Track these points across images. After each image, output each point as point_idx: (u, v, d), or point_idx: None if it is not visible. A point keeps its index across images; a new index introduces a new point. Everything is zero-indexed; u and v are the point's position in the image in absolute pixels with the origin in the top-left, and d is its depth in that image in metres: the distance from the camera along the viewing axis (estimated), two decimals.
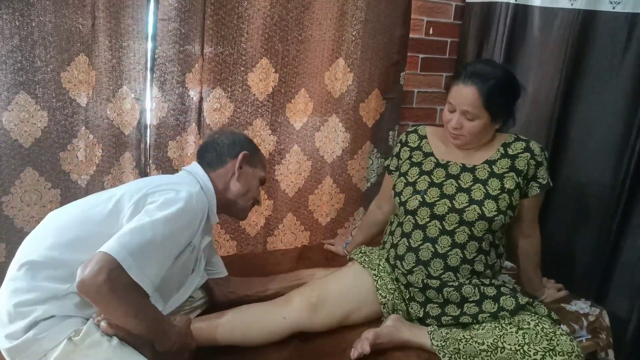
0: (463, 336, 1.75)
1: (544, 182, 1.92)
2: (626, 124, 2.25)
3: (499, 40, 2.70)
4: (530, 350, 1.64)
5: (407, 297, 1.93)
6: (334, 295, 1.90)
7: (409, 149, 2.08)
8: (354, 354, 1.72)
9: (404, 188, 1.98)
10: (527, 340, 1.66)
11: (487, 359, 1.69)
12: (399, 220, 2.00)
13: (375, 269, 1.99)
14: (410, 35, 2.71)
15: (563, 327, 1.89)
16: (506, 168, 1.90)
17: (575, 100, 2.42)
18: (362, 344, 1.73)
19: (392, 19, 2.61)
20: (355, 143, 2.73)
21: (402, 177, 2.02)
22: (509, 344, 1.67)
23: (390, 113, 2.77)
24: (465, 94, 1.84)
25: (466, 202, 1.87)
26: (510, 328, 1.71)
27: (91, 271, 1.29)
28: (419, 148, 2.06)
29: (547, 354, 1.62)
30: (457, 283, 1.85)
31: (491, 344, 1.69)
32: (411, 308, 1.93)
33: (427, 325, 1.88)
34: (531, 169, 1.90)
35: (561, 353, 1.62)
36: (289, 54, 2.45)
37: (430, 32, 2.86)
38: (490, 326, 1.74)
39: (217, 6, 2.23)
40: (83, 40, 2.06)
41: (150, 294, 1.39)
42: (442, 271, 1.86)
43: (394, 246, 1.97)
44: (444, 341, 1.76)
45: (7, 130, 2.00)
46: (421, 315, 1.90)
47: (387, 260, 2.01)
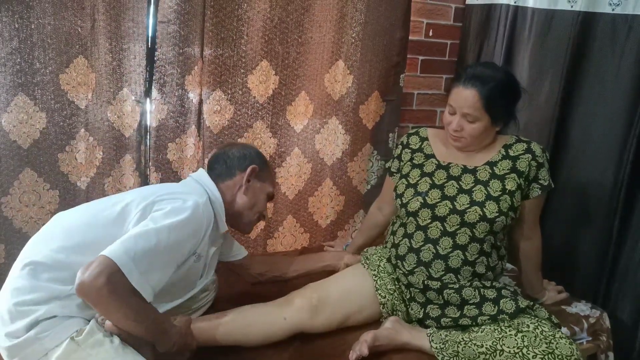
0: (462, 338, 1.74)
1: (545, 184, 1.91)
2: (626, 125, 2.24)
3: (499, 42, 2.70)
4: (529, 353, 1.63)
5: (408, 297, 1.93)
6: (334, 296, 1.90)
7: (410, 150, 2.07)
8: (352, 356, 1.71)
9: (405, 190, 1.98)
10: (526, 343, 1.65)
11: None
12: (402, 221, 2.00)
13: (375, 270, 1.99)
14: (410, 37, 2.72)
15: (564, 330, 1.89)
16: (507, 169, 1.90)
17: (575, 102, 2.42)
18: (360, 346, 1.72)
19: (392, 21, 2.61)
20: (355, 145, 2.73)
21: (403, 179, 2.02)
22: (508, 347, 1.66)
23: (390, 115, 2.77)
24: (465, 97, 1.83)
25: (467, 204, 1.86)
26: (510, 331, 1.70)
27: (91, 274, 1.29)
28: (420, 150, 2.05)
29: (546, 357, 1.61)
30: (458, 285, 1.84)
31: (490, 346, 1.68)
32: (411, 309, 1.93)
33: (427, 326, 1.88)
34: (532, 170, 1.89)
35: (560, 356, 1.61)
36: (289, 57, 2.45)
37: (430, 34, 2.86)
38: (490, 329, 1.74)
39: (216, 8, 2.23)
40: (82, 43, 2.06)
41: (150, 300, 1.40)
42: (443, 272, 1.85)
43: (395, 246, 1.97)
44: (443, 343, 1.76)
45: (6, 132, 2.00)
46: (421, 316, 1.90)
47: (388, 260, 2.01)
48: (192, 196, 1.57)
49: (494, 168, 1.91)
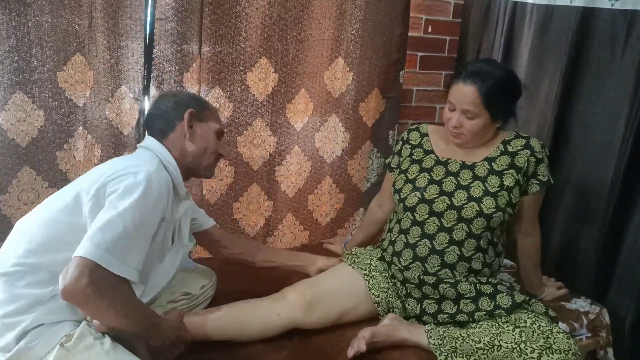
0: (460, 334, 1.74)
1: (544, 179, 1.91)
2: (626, 122, 2.23)
3: (497, 38, 2.69)
4: (527, 349, 1.63)
5: (404, 293, 1.93)
6: (328, 293, 1.90)
7: (410, 146, 2.07)
8: (351, 352, 1.72)
9: (403, 185, 1.98)
10: (523, 339, 1.65)
11: (484, 357, 1.68)
12: (398, 217, 1.99)
13: (366, 269, 1.98)
14: (409, 34, 2.71)
15: (561, 324, 1.89)
16: (506, 165, 1.89)
17: (575, 98, 2.41)
18: (358, 342, 1.73)
19: (391, 17, 2.60)
20: (355, 143, 2.72)
21: (402, 174, 2.02)
22: (506, 342, 1.66)
23: (389, 112, 2.76)
24: (465, 93, 1.83)
25: (465, 199, 1.86)
26: (507, 326, 1.70)
27: (72, 278, 1.26)
28: (419, 146, 2.05)
29: (544, 352, 1.61)
30: (454, 280, 1.84)
31: (488, 342, 1.68)
32: (408, 304, 1.93)
33: (424, 323, 1.88)
34: (531, 166, 1.89)
35: (558, 351, 1.61)
36: (288, 54, 2.44)
37: (429, 30, 2.86)
38: (487, 324, 1.74)
39: (214, 5, 2.22)
40: (79, 40, 2.06)
41: (136, 281, 1.37)
42: (439, 268, 1.85)
43: (392, 243, 1.97)
44: (440, 339, 1.75)
45: (4, 130, 2.01)
46: (418, 312, 1.90)
47: (380, 259, 2.01)
48: (142, 167, 1.48)
49: (493, 164, 1.91)
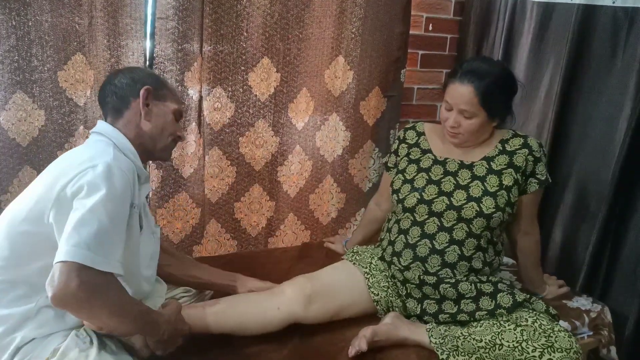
0: (461, 333, 1.74)
1: (543, 178, 1.91)
2: (627, 120, 2.23)
3: (498, 36, 2.69)
4: (528, 347, 1.63)
5: (404, 293, 1.92)
6: (328, 287, 1.90)
7: (407, 145, 2.07)
8: (352, 351, 1.72)
9: (402, 185, 1.97)
10: (525, 337, 1.65)
11: (486, 356, 1.68)
12: (397, 218, 1.99)
13: (367, 267, 1.98)
14: (410, 32, 2.70)
15: (562, 322, 1.88)
16: (504, 164, 1.89)
17: (575, 96, 2.40)
18: (359, 341, 1.72)
19: (392, 15, 2.60)
20: (355, 142, 2.71)
21: (400, 174, 2.01)
22: (507, 341, 1.66)
23: (391, 111, 2.76)
24: (461, 93, 1.82)
25: (464, 200, 1.86)
26: (508, 325, 1.70)
27: (60, 283, 1.22)
28: (416, 145, 2.05)
29: (546, 350, 1.62)
30: (454, 280, 1.84)
31: (489, 341, 1.68)
32: (408, 304, 1.92)
33: (425, 322, 1.88)
34: (529, 165, 1.89)
35: (559, 349, 1.61)
36: (290, 53, 2.44)
37: (430, 28, 2.85)
38: (489, 323, 1.74)
39: (215, 4, 2.22)
40: (80, 40, 2.06)
41: (122, 273, 1.33)
42: (439, 267, 1.85)
43: (391, 243, 1.96)
44: (442, 338, 1.75)
45: (4, 130, 2.01)
46: (418, 312, 1.89)
47: (380, 258, 2.01)
48: (98, 159, 1.40)
49: (491, 163, 1.90)
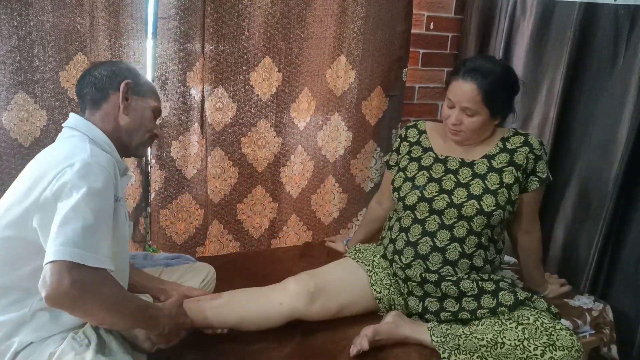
0: (463, 332, 1.74)
1: (544, 176, 1.91)
2: (629, 118, 2.22)
3: (500, 35, 2.68)
4: (530, 346, 1.63)
5: (406, 291, 1.93)
6: (331, 284, 1.90)
7: (408, 143, 2.07)
8: (353, 350, 1.72)
9: (402, 183, 1.98)
10: (526, 336, 1.65)
11: (487, 354, 1.68)
12: (398, 216, 1.99)
13: (370, 265, 1.98)
14: (411, 31, 2.70)
15: (564, 321, 1.88)
16: (505, 162, 1.89)
17: (577, 94, 2.40)
18: (360, 340, 1.72)
19: (393, 14, 2.59)
20: (357, 142, 2.71)
21: (401, 172, 2.01)
22: (509, 340, 1.66)
23: (392, 111, 2.75)
24: (464, 90, 1.83)
25: (465, 197, 1.86)
26: (510, 323, 1.70)
27: (52, 283, 1.20)
28: (418, 143, 2.05)
29: (547, 349, 1.62)
30: (456, 277, 1.84)
31: (491, 339, 1.68)
32: (410, 302, 1.92)
33: (427, 321, 1.88)
34: (530, 163, 1.89)
35: (561, 348, 1.61)
36: (292, 53, 2.44)
37: (431, 27, 2.85)
38: (490, 322, 1.74)
39: (217, 4, 2.23)
40: (81, 40, 2.07)
41: (113, 269, 1.31)
42: (441, 265, 1.85)
43: (393, 241, 1.96)
44: (443, 337, 1.75)
45: (6, 130, 2.02)
46: (420, 310, 1.90)
47: (382, 256, 2.01)
48: (75, 158, 1.36)
49: (492, 161, 1.90)
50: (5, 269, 1.37)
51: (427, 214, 1.90)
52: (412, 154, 2.03)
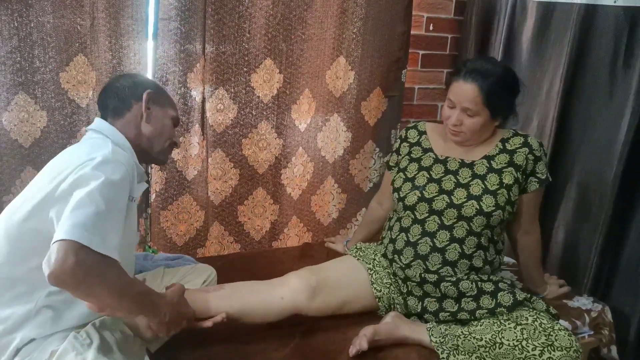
0: (461, 332, 1.74)
1: (543, 177, 1.91)
2: (628, 119, 2.23)
3: (499, 36, 2.69)
4: (528, 346, 1.63)
5: (405, 291, 1.93)
6: (332, 280, 1.90)
7: (408, 144, 2.07)
8: (352, 350, 1.72)
9: (402, 184, 1.98)
10: (525, 336, 1.65)
11: (486, 354, 1.68)
12: (398, 216, 1.99)
13: (370, 263, 1.99)
14: (411, 32, 2.70)
15: (563, 322, 1.89)
16: (505, 163, 1.89)
17: (577, 96, 2.40)
18: (360, 340, 1.73)
19: (393, 15, 2.60)
20: (356, 142, 2.71)
21: (401, 173, 2.02)
22: (507, 340, 1.66)
23: (391, 111, 2.75)
24: (465, 91, 1.83)
25: (464, 198, 1.86)
26: (509, 324, 1.70)
27: (57, 262, 1.21)
28: (418, 144, 2.05)
29: (546, 349, 1.62)
30: (455, 278, 1.84)
31: (489, 339, 1.68)
32: (409, 302, 1.93)
33: (426, 321, 1.88)
34: (530, 163, 1.89)
35: (559, 348, 1.62)
36: (293, 54, 2.44)
37: (431, 28, 2.85)
38: (489, 322, 1.74)
39: (218, 5, 2.23)
40: (82, 41, 2.07)
41: (119, 260, 1.32)
42: (440, 265, 1.85)
43: (393, 241, 1.97)
44: (442, 337, 1.75)
45: (7, 131, 2.02)
46: (419, 310, 1.90)
47: (383, 256, 2.01)
48: (96, 153, 1.41)
49: (492, 162, 1.91)
50: (16, 260, 1.38)
51: (427, 214, 1.90)
52: (412, 155, 2.03)
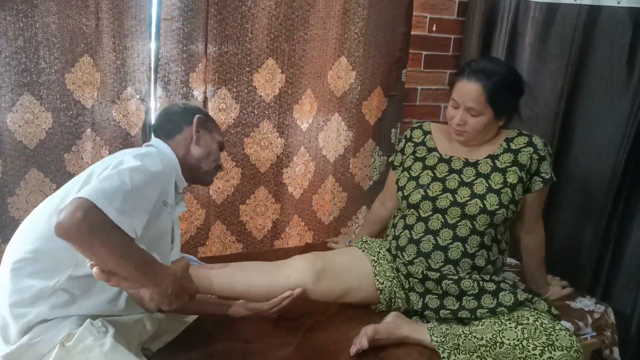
0: (462, 332, 1.74)
1: (547, 177, 1.91)
2: (632, 120, 2.23)
3: (502, 37, 2.69)
4: (529, 345, 1.64)
5: (407, 286, 1.94)
6: (338, 267, 1.91)
7: (413, 144, 2.08)
8: (353, 350, 1.72)
9: (407, 182, 1.99)
10: (526, 336, 1.66)
11: (487, 354, 1.68)
12: (402, 214, 2.01)
13: (375, 256, 1.99)
14: (414, 32, 2.71)
15: (564, 323, 1.89)
16: (509, 162, 1.90)
17: (580, 96, 2.41)
18: (360, 339, 1.73)
19: (395, 16, 2.60)
20: (357, 141, 2.72)
21: (405, 172, 2.03)
22: (508, 339, 1.67)
23: (392, 111, 2.76)
24: (469, 90, 1.84)
25: (468, 196, 1.87)
26: (510, 323, 1.70)
27: (67, 213, 1.25)
28: (422, 143, 2.06)
29: (546, 348, 1.62)
30: (457, 277, 1.85)
31: (490, 339, 1.69)
32: (411, 297, 1.94)
33: (427, 318, 1.89)
34: (534, 163, 1.90)
35: (560, 348, 1.62)
36: (295, 54, 2.45)
37: (434, 29, 2.85)
38: (490, 321, 1.74)
39: (220, 5, 2.24)
40: (87, 42, 2.07)
41: (134, 236, 1.35)
42: (442, 264, 1.86)
43: (396, 238, 1.98)
44: (443, 337, 1.76)
45: (11, 132, 2.01)
46: (420, 306, 1.91)
47: (388, 250, 2.02)
48: (141, 150, 1.58)
49: (496, 161, 1.91)
50: (45, 235, 1.42)
51: (431, 212, 1.91)
52: (416, 154, 2.05)
